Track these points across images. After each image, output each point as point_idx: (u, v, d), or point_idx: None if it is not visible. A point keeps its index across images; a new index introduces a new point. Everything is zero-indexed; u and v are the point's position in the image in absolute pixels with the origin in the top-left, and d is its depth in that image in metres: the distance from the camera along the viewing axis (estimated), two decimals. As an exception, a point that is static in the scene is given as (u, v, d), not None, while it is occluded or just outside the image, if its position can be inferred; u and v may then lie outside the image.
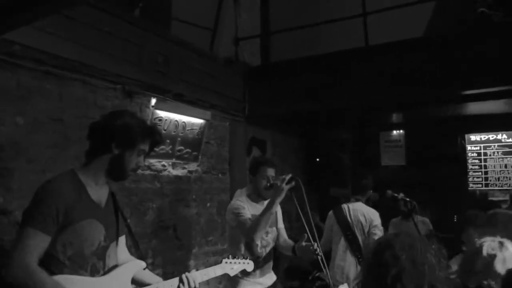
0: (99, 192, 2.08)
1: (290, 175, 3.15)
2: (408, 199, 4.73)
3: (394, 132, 7.05)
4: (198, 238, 4.86)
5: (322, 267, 3.23)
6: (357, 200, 4.49)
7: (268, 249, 3.42)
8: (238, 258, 2.85)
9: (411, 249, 1.50)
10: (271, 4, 6.08)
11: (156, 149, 4.11)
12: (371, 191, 4.63)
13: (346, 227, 4.29)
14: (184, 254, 4.66)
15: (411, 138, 6.99)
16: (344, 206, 4.42)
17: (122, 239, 2.29)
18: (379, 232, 4.25)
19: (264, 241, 3.36)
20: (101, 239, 2.03)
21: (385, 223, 5.61)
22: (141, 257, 2.24)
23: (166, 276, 4.34)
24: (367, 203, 5.69)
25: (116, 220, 2.17)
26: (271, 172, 3.36)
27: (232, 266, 2.76)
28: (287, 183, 3.10)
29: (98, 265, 2.02)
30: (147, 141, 2.15)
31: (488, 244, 2.18)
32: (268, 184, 3.32)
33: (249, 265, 2.87)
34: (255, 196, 3.43)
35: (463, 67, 4.57)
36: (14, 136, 3.13)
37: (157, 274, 4.21)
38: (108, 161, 2.06)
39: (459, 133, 6.67)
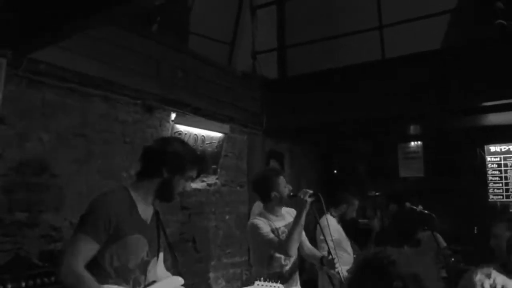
0: (146, 210, 2.18)
1: (311, 191, 3.18)
2: (426, 211, 4.72)
3: (412, 143, 7.01)
4: (217, 250, 4.89)
5: (341, 279, 3.25)
6: (330, 214, 4.38)
7: (291, 260, 3.42)
8: (269, 281, 2.87)
9: None
10: (287, 18, 6.15)
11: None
12: (345, 205, 4.54)
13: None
14: (203, 266, 4.69)
15: (430, 149, 6.94)
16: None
17: (161, 255, 2.36)
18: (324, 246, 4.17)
19: None
20: (145, 254, 2.12)
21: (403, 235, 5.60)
22: (179, 273, 2.30)
23: (185, 289, 4.39)
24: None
25: (157, 237, 2.25)
26: (282, 181, 3.38)
27: None
28: (309, 196, 3.13)
29: (140, 279, 2.12)
30: (195, 168, 2.28)
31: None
32: (291, 194, 3.34)
33: None
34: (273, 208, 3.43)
35: (481, 78, 4.56)
36: (39, 152, 3.22)
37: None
38: (158, 184, 2.17)
39: (479, 144, 6.60)
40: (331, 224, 4.16)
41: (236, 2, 5.72)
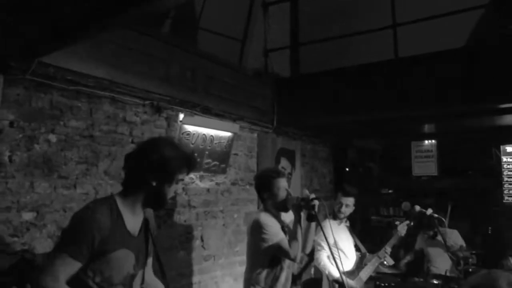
0: (134, 221, 2.10)
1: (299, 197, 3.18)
2: (436, 215, 4.64)
3: (426, 142, 6.92)
4: (225, 248, 4.92)
5: (344, 281, 3.28)
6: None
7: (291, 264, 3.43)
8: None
9: None
10: (300, 15, 6.09)
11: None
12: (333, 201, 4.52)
13: None
14: (210, 265, 4.73)
15: (444, 149, 6.84)
16: None
17: (149, 261, 2.31)
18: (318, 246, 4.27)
19: None
20: (131, 268, 2.06)
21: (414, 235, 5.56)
22: (166, 285, 2.27)
23: (193, 287, 4.45)
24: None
25: (146, 245, 2.18)
26: (284, 182, 3.35)
27: None
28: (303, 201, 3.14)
29: None
30: (184, 170, 2.14)
31: None
32: (285, 198, 3.30)
33: None
34: (272, 211, 3.39)
35: (498, 79, 4.46)
36: (47, 153, 3.27)
37: (184, 284, 4.33)
38: (146, 192, 2.06)
39: (494, 144, 6.49)
40: (332, 225, 4.17)
41: (248, -1, 5.69)
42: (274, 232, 3.15)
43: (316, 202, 3.09)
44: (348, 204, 4.36)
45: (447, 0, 4.74)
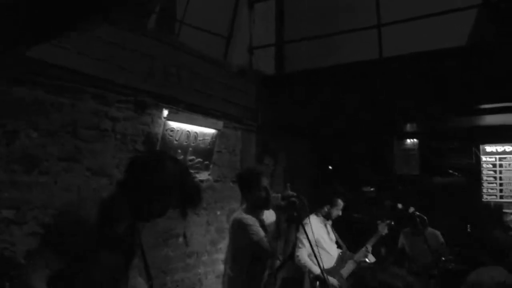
0: (121, 222, 2.04)
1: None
2: (418, 213, 4.72)
3: (408, 141, 6.99)
4: (208, 246, 4.91)
5: (325, 278, 3.31)
6: (315, 214, 4.63)
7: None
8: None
9: None
10: (286, 13, 6.08)
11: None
12: (328, 206, 4.58)
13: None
14: (193, 262, 4.71)
15: (425, 147, 6.92)
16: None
17: (135, 262, 2.24)
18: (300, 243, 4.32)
19: None
20: (116, 270, 2.03)
21: (397, 233, 5.65)
22: (150, 287, 2.24)
23: (175, 284, 4.43)
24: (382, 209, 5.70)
25: (132, 246, 2.13)
26: (265, 181, 3.35)
27: None
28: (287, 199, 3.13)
29: None
30: (177, 197, 2.04)
31: None
32: (266, 197, 3.29)
33: None
34: (254, 209, 3.39)
35: (479, 80, 4.53)
36: (28, 149, 3.21)
37: (167, 281, 4.31)
38: (132, 200, 2.01)
39: (474, 143, 6.59)
40: (312, 223, 4.18)
41: (234, -5, 5.67)
42: (256, 230, 3.16)
43: (297, 201, 3.10)
44: (339, 204, 4.52)
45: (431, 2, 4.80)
